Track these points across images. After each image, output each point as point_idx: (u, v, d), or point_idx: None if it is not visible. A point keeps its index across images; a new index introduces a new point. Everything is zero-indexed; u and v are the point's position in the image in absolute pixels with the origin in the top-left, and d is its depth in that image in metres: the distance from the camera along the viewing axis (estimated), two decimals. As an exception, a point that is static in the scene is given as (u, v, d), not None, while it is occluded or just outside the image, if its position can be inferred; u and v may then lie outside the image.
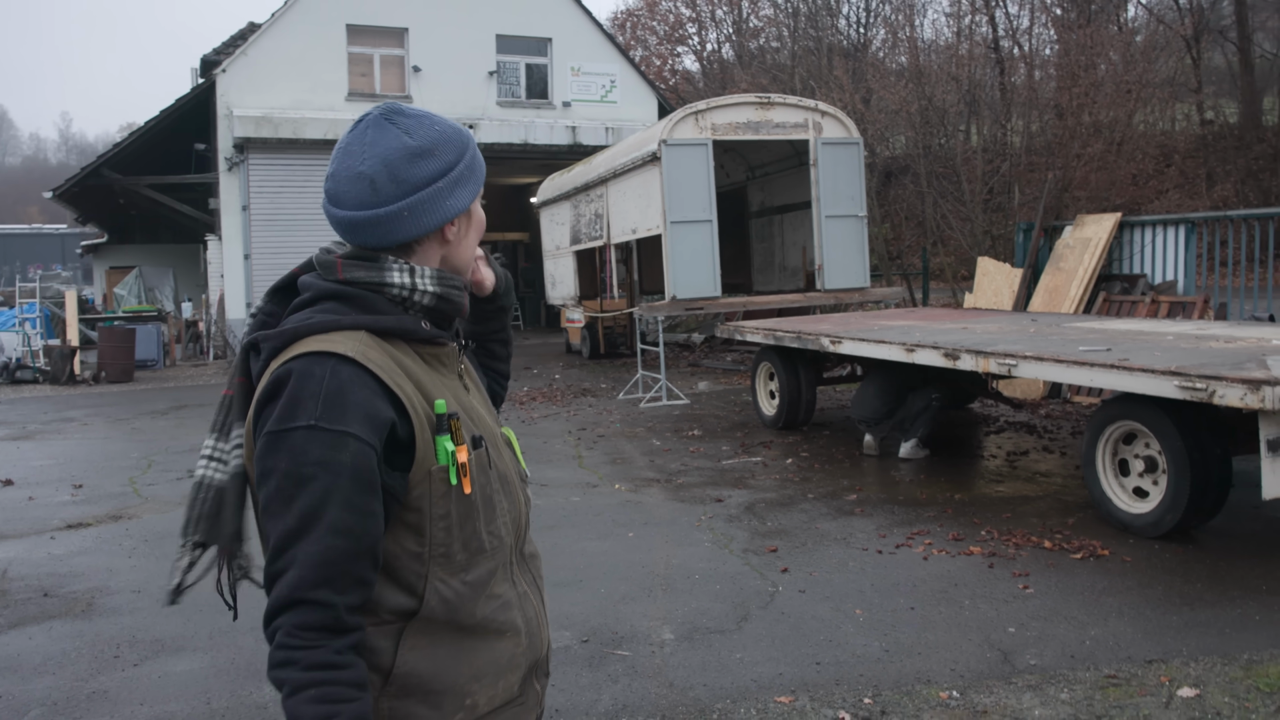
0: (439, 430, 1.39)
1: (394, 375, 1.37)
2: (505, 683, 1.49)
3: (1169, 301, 10.00)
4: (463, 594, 1.43)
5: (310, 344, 1.36)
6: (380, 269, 1.44)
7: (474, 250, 1.58)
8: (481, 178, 1.54)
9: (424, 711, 1.41)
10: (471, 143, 1.54)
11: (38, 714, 3.97)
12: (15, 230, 59.86)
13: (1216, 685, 3.84)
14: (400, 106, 1.48)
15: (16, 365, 16.77)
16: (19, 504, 7.72)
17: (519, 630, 1.51)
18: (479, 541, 1.45)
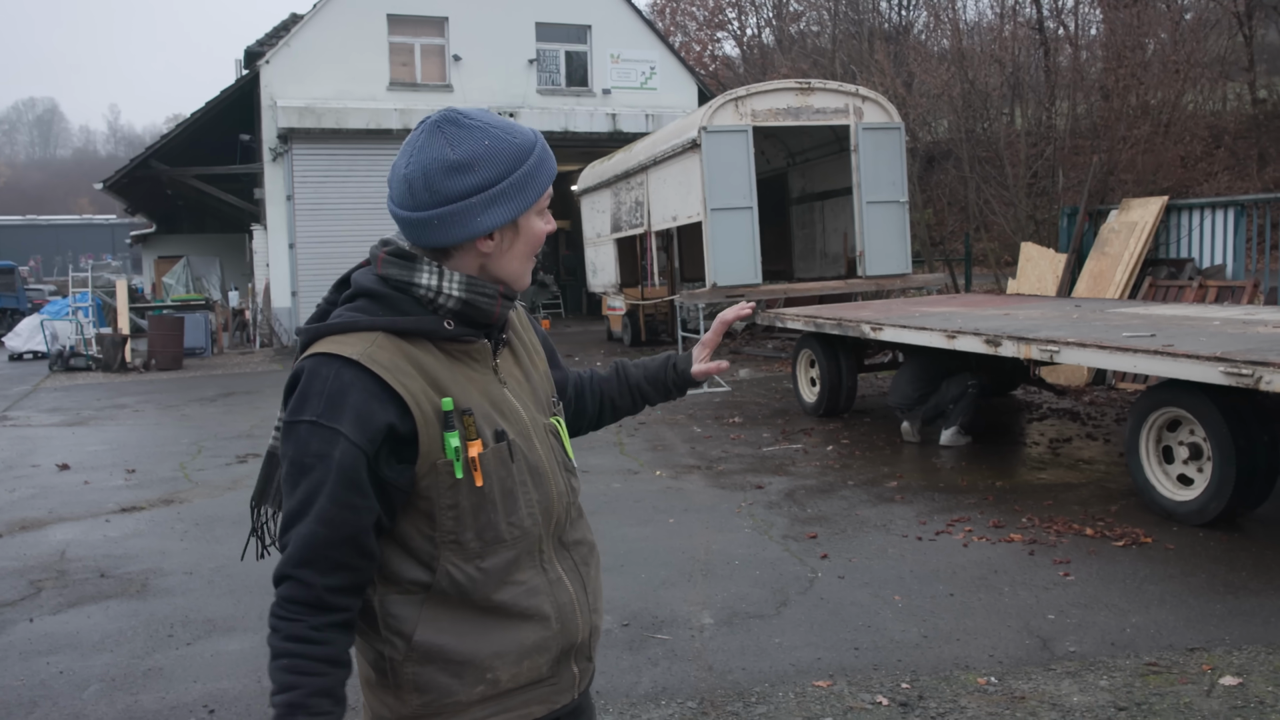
0: (446, 426, 1.46)
1: (399, 375, 1.44)
2: (531, 663, 1.54)
3: (1217, 286, 9.84)
4: (476, 579, 1.50)
5: (326, 344, 1.46)
6: (411, 269, 1.50)
7: (522, 262, 1.58)
8: (534, 194, 1.53)
9: (445, 679, 1.50)
10: (526, 159, 1.51)
11: (97, 689, 4.11)
12: (67, 221, 61.18)
13: (1260, 674, 3.81)
14: (458, 115, 1.51)
15: (70, 353, 17.18)
16: (75, 487, 7.95)
17: (547, 616, 1.56)
18: (495, 532, 1.50)
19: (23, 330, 20.25)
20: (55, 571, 5.77)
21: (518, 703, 1.55)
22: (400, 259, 1.51)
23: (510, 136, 1.51)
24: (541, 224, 1.58)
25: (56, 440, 10.26)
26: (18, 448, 9.91)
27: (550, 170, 1.56)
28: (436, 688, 1.49)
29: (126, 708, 3.93)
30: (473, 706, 1.51)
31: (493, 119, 1.53)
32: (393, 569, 1.49)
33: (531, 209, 1.54)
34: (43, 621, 4.95)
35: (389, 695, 1.52)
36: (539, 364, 1.73)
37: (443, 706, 1.50)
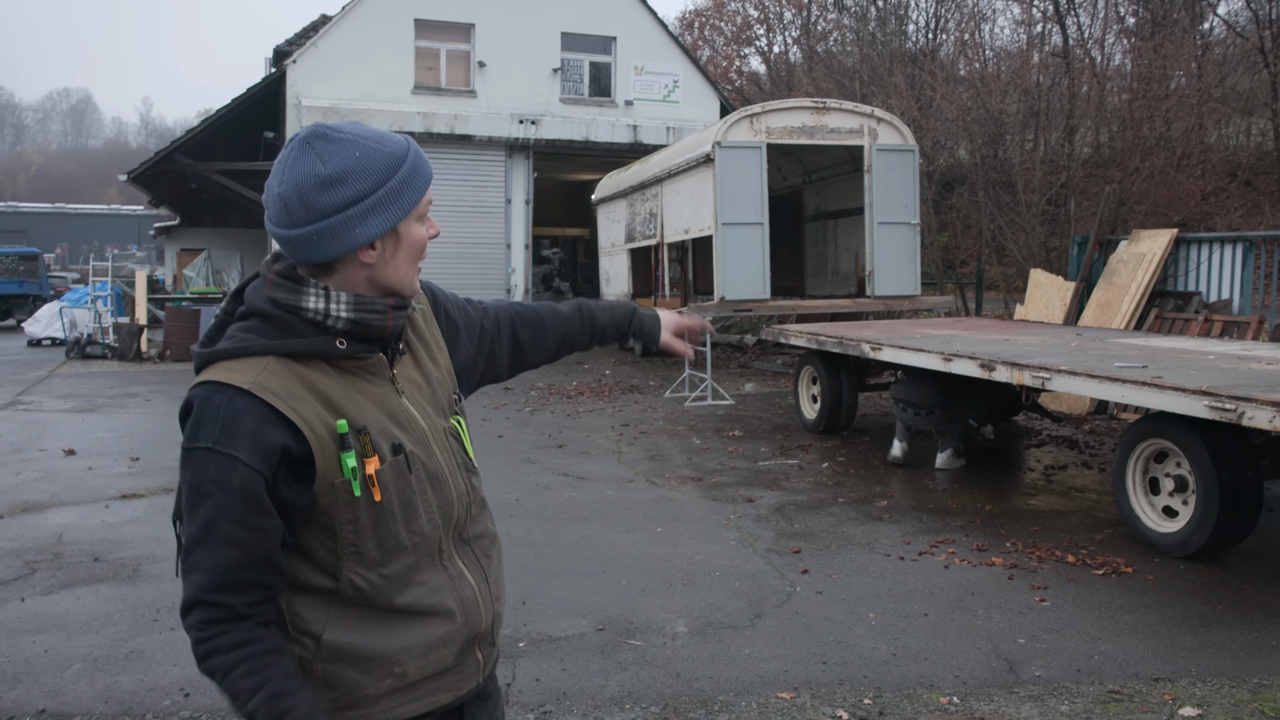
0: (343, 447, 1.49)
1: (290, 400, 1.47)
2: (437, 655, 1.60)
3: (1223, 320, 9.83)
4: (379, 585, 1.55)
5: (217, 371, 1.49)
6: (298, 293, 1.52)
7: (408, 269, 1.58)
8: (411, 201, 1.55)
9: (354, 675, 1.55)
10: (399, 168, 1.53)
11: (79, 669, 4.21)
12: (95, 210, 61.93)
13: (1220, 707, 3.84)
14: (327, 130, 1.52)
15: (88, 341, 17.41)
16: (79, 473, 8.08)
17: (451, 611, 1.61)
18: (395, 540, 1.55)
19: (42, 317, 20.52)
20: (51, 554, 5.89)
21: (424, 692, 1.61)
22: (287, 281, 1.53)
23: (381, 146, 1.53)
24: (423, 230, 1.59)
25: (66, 426, 10.42)
26: (27, 432, 10.07)
27: (425, 175, 1.57)
28: (346, 683, 1.55)
29: (105, 688, 4.03)
30: (381, 699, 1.57)
31: (363, 130, 1.54)
32: (297, 576, 1.54)
33: (410, 215, 1.55)
34: (34, 601, 5.06)
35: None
36: (441, 360, 1.75)
37: (352, 700, 1.56)
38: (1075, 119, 17.23)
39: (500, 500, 7.14)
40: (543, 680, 4.08)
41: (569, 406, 11.74)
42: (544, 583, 5.32)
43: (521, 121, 21.09)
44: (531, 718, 3.76)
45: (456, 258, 20.46)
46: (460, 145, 20.70)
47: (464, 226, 20.72)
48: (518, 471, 8.13)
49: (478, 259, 21.14)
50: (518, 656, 4.32)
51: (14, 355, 18.65)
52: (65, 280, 32.83)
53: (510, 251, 21.65)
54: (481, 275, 21.19)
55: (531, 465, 8.38)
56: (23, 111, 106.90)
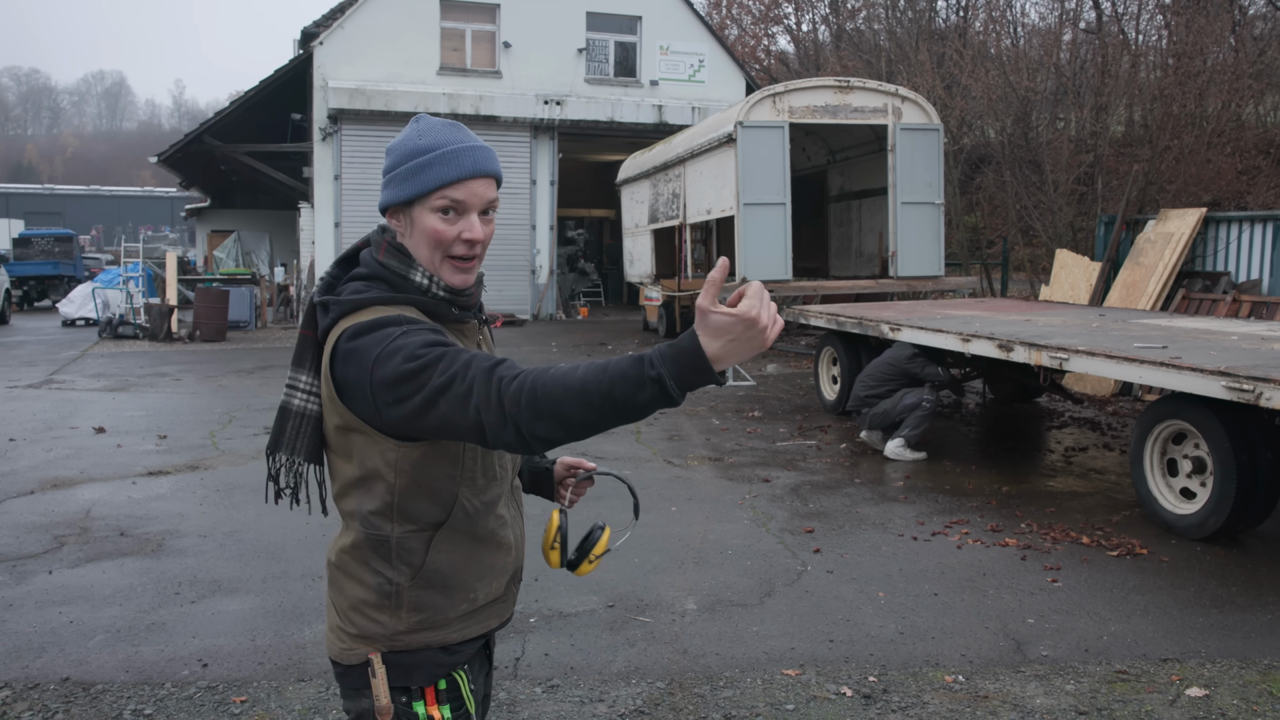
0: None
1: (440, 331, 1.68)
2: (497, 584, 1.84)
3: (1251, 301, 9.70)
4: (479, 509, 1.77)
5: (376, 311, 1.66)
6: (408, 266, 1.73)
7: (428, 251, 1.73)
8: (416, 186, 1.70)
9: (439, 600, 1.76)
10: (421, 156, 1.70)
11: (101, 639, 4.32)
12: (129, 192, 62.68)
13: (1228, 687, 3.83)
14: (420, 117, 1.79)
15: (119, 321, 17.66)
16: (108, 450, 8.24)
17: (510, 545, 1.85)
18: (493, 470, 1.78)
19: (76, 297, 20.83)
20: (79, 528, 6.02)
21: (484, 616, 1.83)
22: (399, 254, 1.73)
23: (419, 139, 1.72)
24: (435, 221, 1.71)
25: (97, 405, 10.61)
26: (59, 410, 10.26)
27: (443, 173, 1.69)
28: (432, 606, 1.75)
29: (126, 658, 4.13)
30: (455, 621, 1.78)
31: (437, 125, 1.74)
32: (415, 511, 1.71)
33: (421, 202, 1.71)
34: (61, 574, 5.18)
35: (385, 614, 1.74)
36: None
37: (434, 622, 1.76)
38: (1106, 96, 16.97)
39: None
40: (551, 655, 4.14)
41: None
42: (557, 560, 5.36)
43: (546, 102, 21.08)
44: (539, 691, 3.82)
45: (482, 239, 20.54)
46: (485, 126, 20.73)
47: (489, 207, 20.78)
48: (537, 451, 8.19)
49: (503, 240, 21.19)
50: (528, 631, 4.38)
51: (49, 335, 18.97)
52: (99, 261, 33.29)
53: (535, 233, 21.70)
54: (507, 256, 21.27)
55: (551, 445, 8.43)
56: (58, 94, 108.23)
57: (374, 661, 1.74)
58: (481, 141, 1.75)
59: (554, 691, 3.82)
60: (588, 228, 27.22)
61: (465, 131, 1.75)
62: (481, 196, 1.72)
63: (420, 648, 1.77)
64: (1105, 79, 17.21)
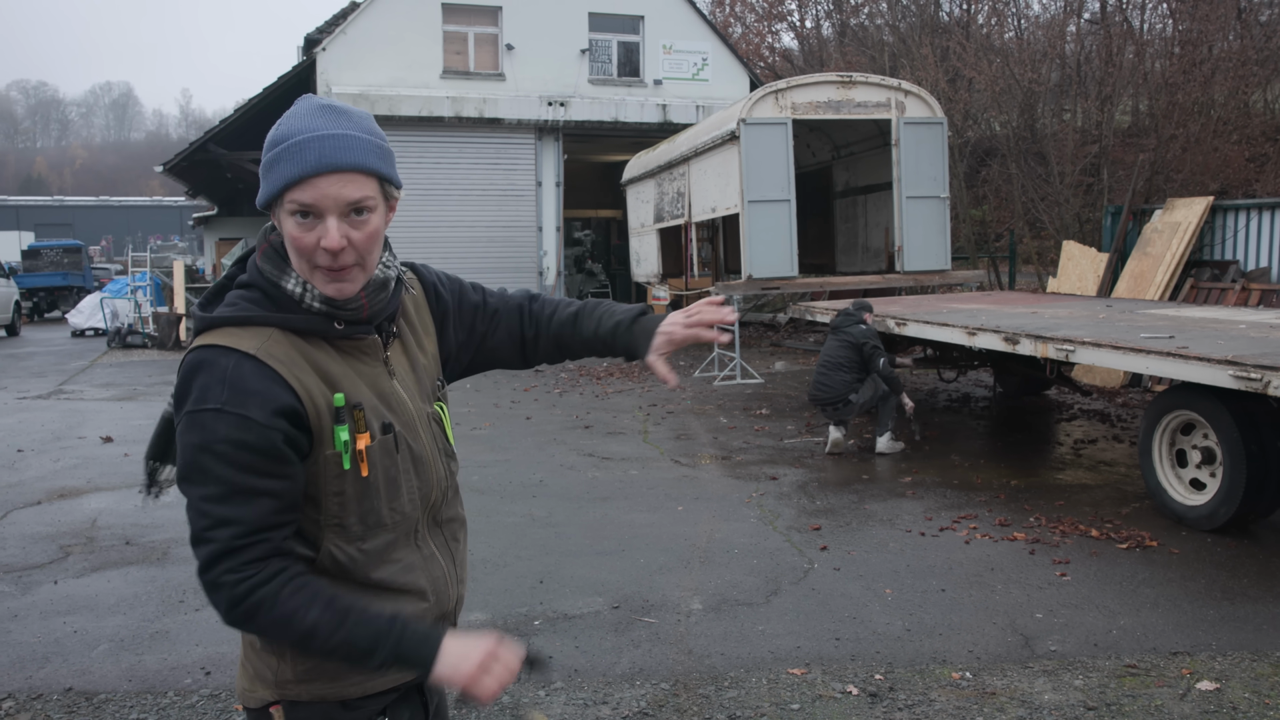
0: (337, 420, 1.51)
1: (294, 369, 1.48)
2: None
3: (1260, 289, 9.62)
4: (357, 559, 1.56)
5: (220, 336, 1.48)
6: (281, 273, 1.53)
7: (299, 264, 1.52)
8: (269, 188, 1.49)
9: None
10: (273, 148, 1.48)
11: (105, 648, 4.31)
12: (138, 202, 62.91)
13: (1239, 680, 3.79)
14: (303, 98, 1.55)
15: (128, 331, 17.72)
16: (115, 459, 8.25)
17: (423, 590, 1.63)
18: (377, 517, 1.56)
19: (85, 308, 20.91)
20: (85, 538, 6.02)
21: (393, 668, 1.60)
22: (275, 257, 1.54)
23: (277, 127, 1.51)
24: (292, 227, 1.48)
25: (105, 414, 10.63)
26: (68, 420, 10.29)
27: (285, 172, 1.46)
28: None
29: (130, 667, 4.12)
30: (351, 673, 1.57)
31: (302, 108, 1.52)
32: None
33: (279, 204, 1.49)
34: (66, 584, 5.19)
35: (272, 658, 1.58)
36: (428, 346, 1.76)
37: (322, 672, 1.56)
38: (1111, 87, 16.86)
39: (525, 481, 7.19)
40: (555, 658, 4.11)
41: (598, 387, 11.77)
42: (562, 562, 5.35)
43: (550, 103, 21.05)
44: (543, 694, 3.79)
45: (489, 241, 20.54)
46: (490, 129, 20.72)
47: (495, 210, 20.80)
48: (543, 452, 8.18)
49: (509, 242, 21.18)
50: (532, 634, 4.36)
51: (58, 346, 19.04)
52: (109, 272, 33.41)
53: (542, 234, 21.67)
54: (513, 258, 21.24)
55: (558, 446, 8.42)
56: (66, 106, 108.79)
57: (275, 716, 1.58)
58: (346, 128, 1.48)
59: (558, 694, 3.80)
60: (594, 228, 27.20)
61: (331, 116, 1.49)
62: (335, 197, 1.45)
63: (312, 700, 1.57)
64: (1110, 69, 17.10)
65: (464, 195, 20.13)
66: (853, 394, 7.77)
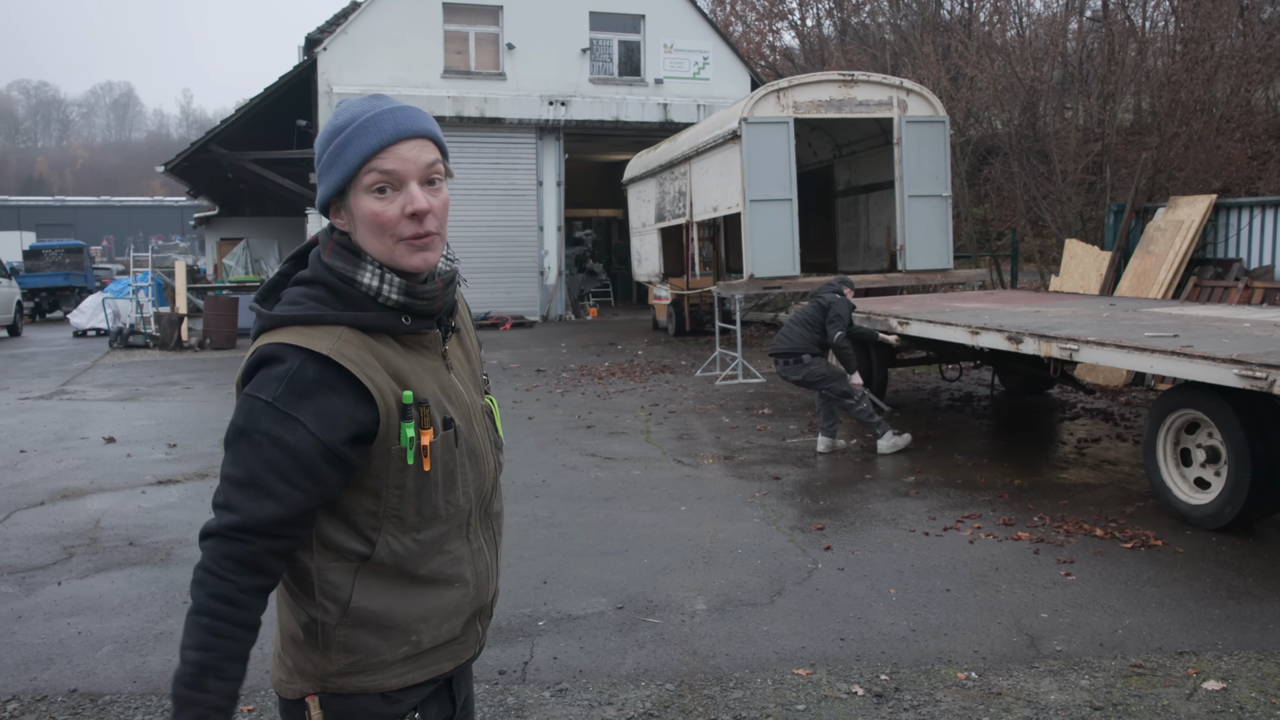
0: (405, 417, 1.54)
1: (366, 368, 1.51)
2: (449, 625, 1.66)
3: (1264, 288, 9.60)
4: (412, 550, 1.59)
5: (291, 335, 1.51)
6: (356, 266, 1.55)
7: (377, 241, 1.55)
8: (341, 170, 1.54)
9: (374, 641, 1.59)
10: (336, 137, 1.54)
11: (110, 650, 4.31)
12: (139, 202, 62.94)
13: (1246, 680, 3.78)
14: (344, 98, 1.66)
15: (130, 331, 17.72)
16: (118, 460, 8.25)
17: (467, 582, 1.67)
18: (434, 509, 1.60)
19: (86, 308, 20.91)
20: (88, 539, 6.02)
21: (433, 659, 1.66)
22: (346, 252, 1.57)
23: (335, 120, 1.56)
24: (372, 204, 1.53)
25: (107, 415, 10.63)
26: (70, 420, 10.29)
27: (364, 145, 1.52)
28: (365, 648, 1.59)
29: (134, 668, 4.12)
30: (395, 665, 1.61)
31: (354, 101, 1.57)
32: (333, 540, 1.57)
33: (353, 187, 1.54)
34: (70, 585, 5.18)
35: (316, 654, 1.60)
36: (474, 342, 1.81)
37: (369, 665, 1.60)
38: (1113, 85, 16.85)
39: (527, 481, 7.19)
40: (560, 658, 4.11)
41: (599, 387, 11.76)
42: (566, 562, 5.35)
43: (551, 103, 21.07)
44: (547, 695, 3.79)
45: (490, 241, 20.56)
46: (491, 128, 20.74)
47: (496, 209, 20.81)
48: (546, 452, 8.17)
49: (510, 242, 21.20)
50: (536, 635, 4.35)
51: (60, 346, 19.05)
52: (110, 272, 33.43)
53: (543, 234, 21.69)
54: (514, 258, 21.26)
55: (560, 446, 8.41)
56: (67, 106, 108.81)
57: (310, 706, 1.60)
58: (405, 104, 1.56)
59: (563, 695, 3.79)
60: (595, 228, 27.20)
61: (386, 99, 1.57)
62: (416, 161, 1.52)
63: (355, 693, 1.61)
64: (1112, 67, 17.09)
65: (465, 195, 20.13)
66: (808, 354, 7.79)
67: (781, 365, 7.95)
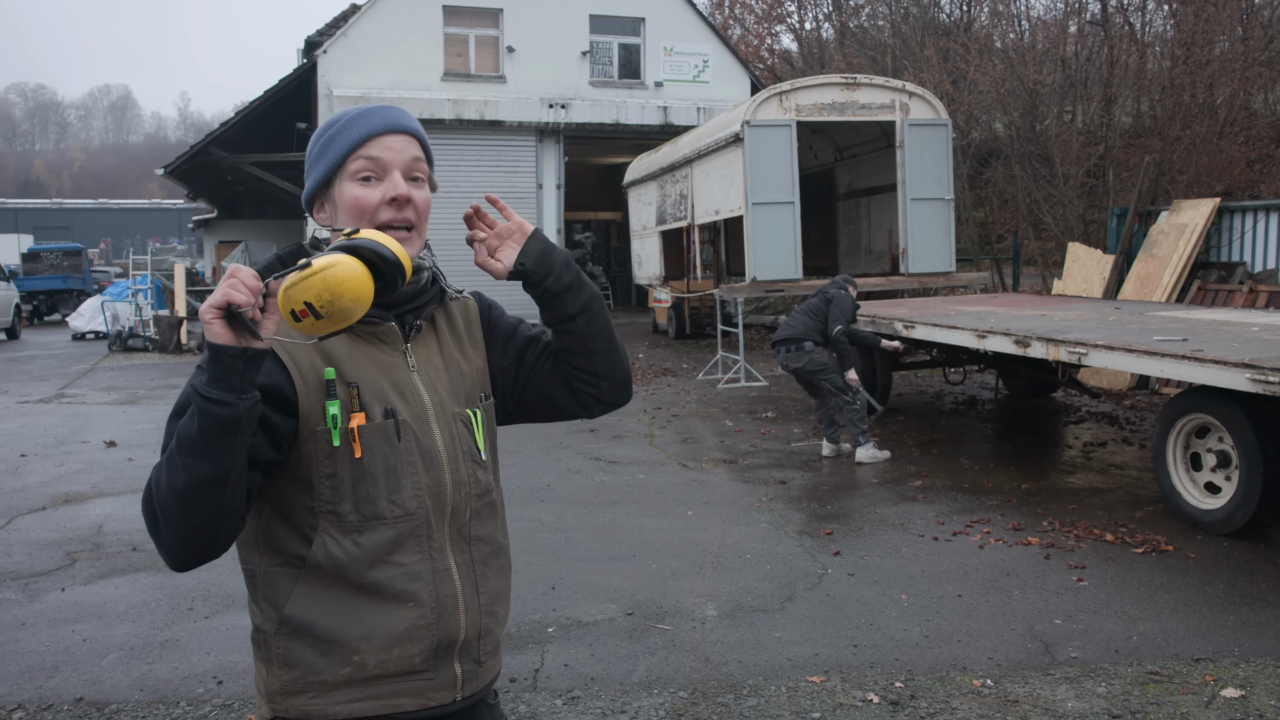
0: (328, 394, 1.48)
1: (288, 345, 1.48)
2: (401, 651, 1.52)
3: (1269, 291, 9.58)
4: (353, 554, 1.49)
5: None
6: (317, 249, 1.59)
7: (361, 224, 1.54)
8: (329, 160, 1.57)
9: (312, 657, 1.50)
10: (326, 131, 1.59)
11: (115, 657, 4.27)
12: (137, 205, 62.88)
13: (1265, 687, 3.75)
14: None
15: (129, 334, 17.67)
16: (119, 464, 8.20)
17: (423, 603, 1.53)
18: (374, 507, 1.50)
19: (85, 311, 20.86)
20: (91, 544, 5.98)
21: (385, 691, 1.53)
22: (311, 246, 1.63)
23: (326, 123, 1.60)
24: (355, 189, 1.55)
25: (108, 418, 10.58)
26: (70, 424, 10.24)
27: (354, 133, 1.56)
28: (303, 664, 1.50)
29: (140, 676, 4.08)
30: (338, 689, 1.50)
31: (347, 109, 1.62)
32: (276, 540, 1.51)
33: (339, 176, 1.57)
34: (73, 591, 5.14)
35: (264, 668, 1.54)
36: (474, 359, 1.71)
37: (308, 684, 1.50)
38: (1114, 88, 16.85)
39: (532, 485, 7.15)
40: (571, 665, 4.07)
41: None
42: (574, 567, 5.31)
43: (551, 106, 21.03)
44: (559, 703, 3.75)
45: (489, 244, 20.47)
46: (491, 131, 20.69)
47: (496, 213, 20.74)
48: (550, 456, 8.13)
49: (510, 245, 21.12)
50: (546, 642, 4.32)
51: (59, 349, 18.99)
52: (108, 274, 33.37)
53: (543, 236, 21.62)
54: (514, 261, 21.17)
55: (563, 450, 8.38)
56: (65, 109, 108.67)
57: None
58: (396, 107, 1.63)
59: (575, 703, 3.75)
60: (595, 231, 27.18)
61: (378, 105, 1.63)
62: (402, 153, 1.56)
63: (299, 718, 1.50)
64: (1114, 70, 17.09)
65: (465, 198, 19.88)
66: (810, 342, 7.76)
67: (783, 353, 7.90)
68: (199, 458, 1.33)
